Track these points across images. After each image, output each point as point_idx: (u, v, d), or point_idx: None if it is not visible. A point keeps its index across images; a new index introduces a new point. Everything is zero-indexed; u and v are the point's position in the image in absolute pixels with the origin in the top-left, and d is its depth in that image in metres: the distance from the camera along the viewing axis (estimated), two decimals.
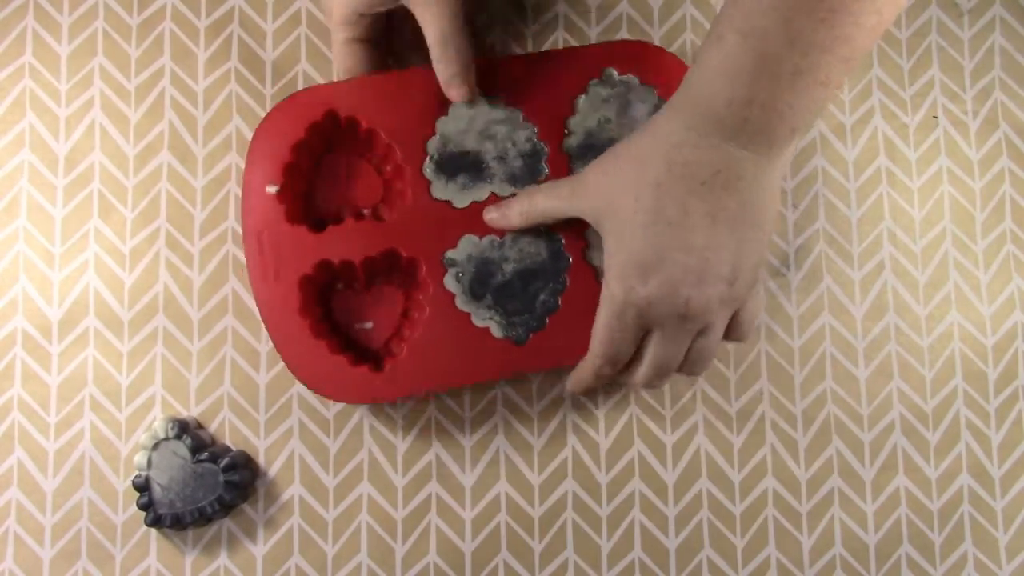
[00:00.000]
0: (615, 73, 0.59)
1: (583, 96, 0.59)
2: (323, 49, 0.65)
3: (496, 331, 0.57)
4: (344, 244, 0.57)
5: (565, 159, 0.59)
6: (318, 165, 0.61)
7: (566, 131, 0.59)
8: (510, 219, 0.57)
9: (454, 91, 0.56)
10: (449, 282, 0.57)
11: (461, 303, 0.57)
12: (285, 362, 0.57)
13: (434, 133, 0.58)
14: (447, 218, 0.58)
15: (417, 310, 0.58)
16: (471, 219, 0.58)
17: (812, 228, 0.65)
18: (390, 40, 0.61)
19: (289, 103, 0.58)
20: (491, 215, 0.57)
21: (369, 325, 0.61)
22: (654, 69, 0.60)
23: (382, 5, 0.56)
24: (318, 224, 0.58)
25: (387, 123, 0.58)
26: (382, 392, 0.57)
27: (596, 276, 0.58)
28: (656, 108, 0.59)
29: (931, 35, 0.67)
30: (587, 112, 0.59)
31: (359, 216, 0.60)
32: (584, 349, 0.55)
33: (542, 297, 0.57)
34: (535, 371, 0.60)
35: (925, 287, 0.65)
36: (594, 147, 0.58)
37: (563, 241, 0.58)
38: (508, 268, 0.58)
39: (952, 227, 0.65)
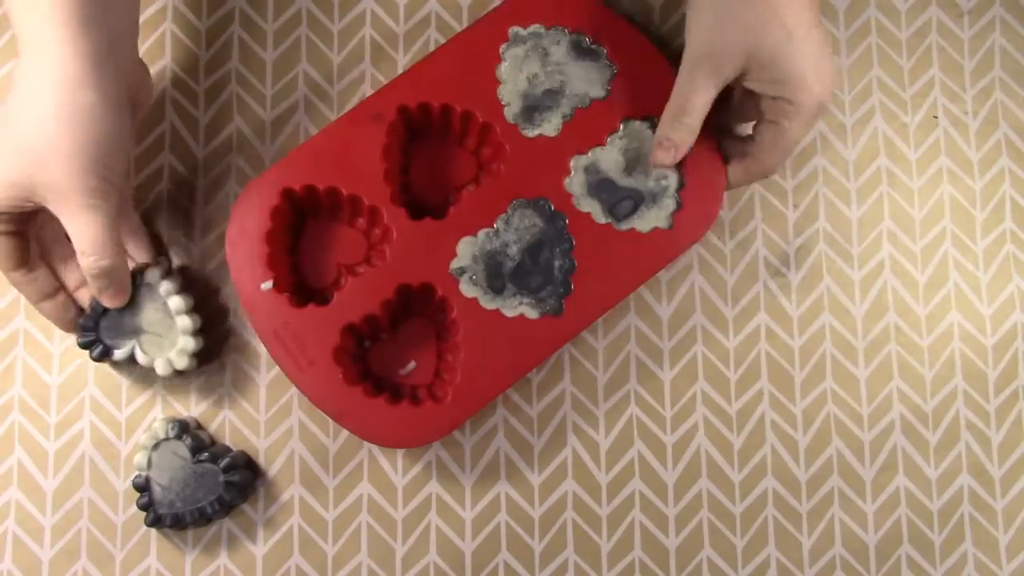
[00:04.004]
0: (521, 29, 0.60)
1: (502, 64, 0.59)
2: (323, 49, 0.65)
3: (531, 313, 0.57)
4: (357, 301, 0.57)
5: (514, 128, 0.59)
6: (296, 243, 0.61)
7: (503, 103, 0.59)
8: (685, 144, 0.57)
9: (107, 299, 0.56)
10: (466, 289, 0.57)
11: (486, 303, 0.57)
12: (355, 433, 0.57)
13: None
14: (436, 233, 0.58)
15: (451, 331, 0.58)
16: (458, 223, 0.58)
17: (812, 228, 0.65)
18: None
19: (243, 201, 0.58)
20: (665, 159, 0.57)
21: (412, 366, 0.61)
22: (551, 11, 0.60)
23: (17, 206, 0.53)
24: (323, 296, 0.58)
25: (341, 177, 0.58)
26: (455, 419, 0.57)
27: (594, 219, 0.58)
28: (572, 44, 0.60)
29: (931, 35, 0.67)
30: (512, 76, 0.59)
31: (355, 272, 0.60)
32: (617, 292, 0.58)
33: (557, 263, 0.58)
34: (583, 330, 0.60)
35: (925, 287, 0.65)
36: (536, 106, 0.59)
37: (551, 202, 0.58)
38: (513, 250, 0.58)
39: (952, 227, 0.65)
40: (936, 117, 0.66)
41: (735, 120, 0.60)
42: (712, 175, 0.59)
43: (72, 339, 0.61)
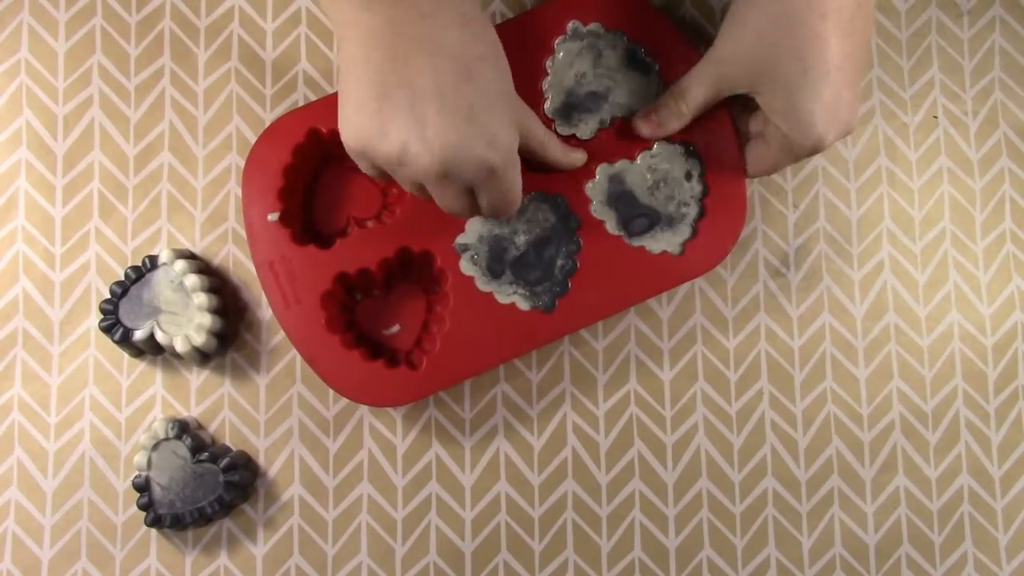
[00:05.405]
0: (580, 26, 0.59)
1: (553, 57, 0.59)
2: (323, 49, 0.65)
3: (522, 304, 0.57)
4: (356, 253, 0.57)
5: (551, 122, 0.59)
6: (314, 185, 0.61)
7: (544, 96, 0.59)
8: (668, 125, 0.58)
9: (577, 156, 0.58)
10: (465, 266, 0.57)
11: (482, 284, 0.57)
12: (323, 379, 0.57)
13: None
14: None
15: (441, 303, 0.58)
16: None
17: (812, 228, 0.65)
18: None
19: (270, 132, 0.58)
20: (643, 129, 0.58)
21: (396, 328, 0.61)
22: (616, 14, 0.59)
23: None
24: (326, 241, 0.58)
25: None
26: (424, 388, 0.57)
27: (606, 228, 0.58)
28: (627, 52, 0.59)
29: (931, 35, 0.67)
30: (561, 71, 0.59)
31: (363, 225, 0.60)
32: (611, 304, 0.58)
33: (559, 261, 0.58)
34: (569, 333, 0.60)
35: (925, 287, 0.65)
36: (577, 105, 0.59)
37: (568, 200, 0.58)
38: (520, 240, 0.58)
39: (952, 227, 0.65)
40: (936, 117, 0.66)
41: (738, 123, 0.60)
42: (733, 213, 0.59)
43: (72, 339, 0.61)
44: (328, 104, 0.58)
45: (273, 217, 0.57)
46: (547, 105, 0.59)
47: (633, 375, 0.63)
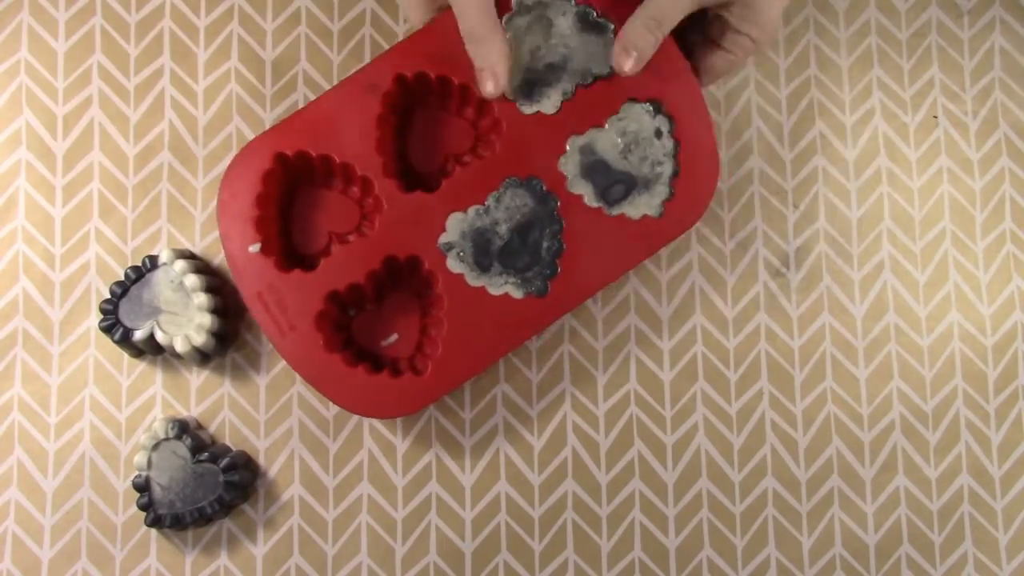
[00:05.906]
0: None
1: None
2: (323, 49, 0.65)
3: (515, 293, 0.57)
4: (342, 270, 0.57)
5: (512, 105, 0.58)
6: (289, 209, 0.61)
7: None
8: (645, 50, 0.55)
9: (485, 85, 0.56)
10: (453, 264, 0.57)
11: (472, 280, 0.57)
12: (332, 400, 0.57)
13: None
14: (426, 207, 0.57)
15: (435, 305, 0.58)
16: (449, 198, 0.57)
17: (812, 228, 0.65)
18: None
19: (236, 163, 0.57)
20: (625, 67, 0.55)
21: (394, 338, 0.61)
22: None
23: None
24: (310, 263, 0.58)
25: (334, 145, 0.57)
26: (433, 393, 0.57)
27: (585, 202, 0.58)
28: (579, 16, 0.58)
29: (931, 35, 0.67)
30: (514, 49, 0.57)
31: (345, 241, 0.59)
32: (602, 278, 0.58)
33: (545, 244, 0.57)
34: (566, 313, 0.59)
35: (925, 287, 0.65)
36: (536, 80, 0.58)
37: (544, 182, 0.58)
38: (503, 229, 0.57)
39: (952, 227, 0.66)
40: (936, 117, 0.66)
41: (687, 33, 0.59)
42: (707, 164, 0.58)
43: (72, 339, 0.61)
44: (289, 126, 0.58)
45: (255, 248, 0.57)
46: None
47: (633, 375, 0.63)
